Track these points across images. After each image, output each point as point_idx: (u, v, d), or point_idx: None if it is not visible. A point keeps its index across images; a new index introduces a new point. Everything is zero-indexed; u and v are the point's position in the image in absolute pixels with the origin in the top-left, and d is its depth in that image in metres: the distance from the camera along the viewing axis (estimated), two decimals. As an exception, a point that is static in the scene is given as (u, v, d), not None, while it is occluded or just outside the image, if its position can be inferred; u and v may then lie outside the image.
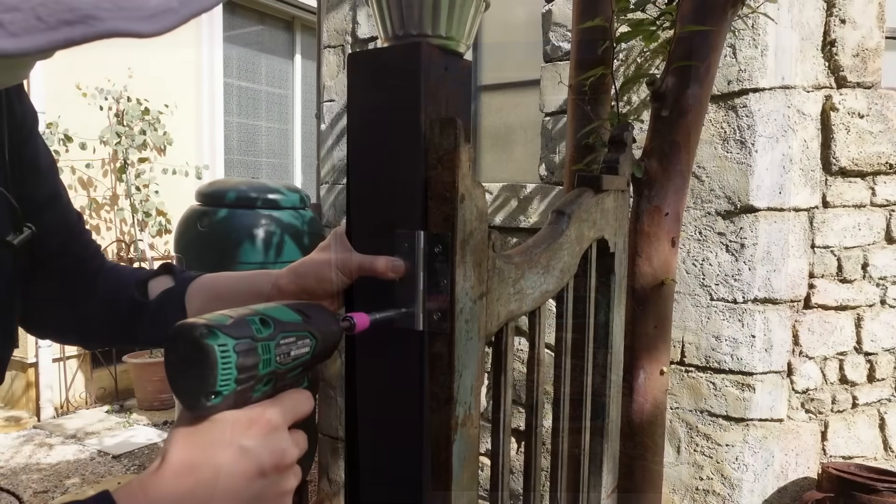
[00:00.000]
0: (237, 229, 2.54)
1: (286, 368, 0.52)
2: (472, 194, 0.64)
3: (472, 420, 0.68)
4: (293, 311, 0.55)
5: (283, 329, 0.52)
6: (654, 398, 1.36)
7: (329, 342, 0.57)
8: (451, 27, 0.65)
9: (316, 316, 0.56)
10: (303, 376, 0.55)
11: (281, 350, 0.51)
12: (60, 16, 0.28)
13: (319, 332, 0.55)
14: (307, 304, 0.57)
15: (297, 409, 0.53)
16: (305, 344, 0.54)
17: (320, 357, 0.56)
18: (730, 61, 2.07)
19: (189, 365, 0.47)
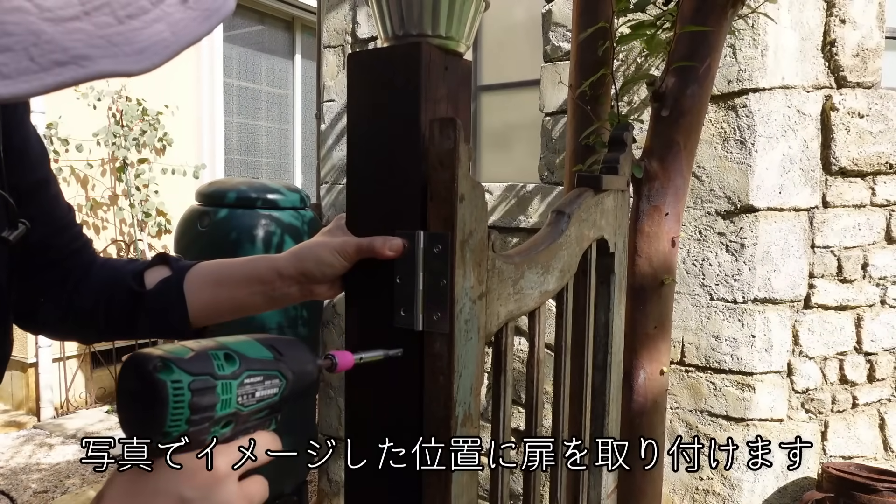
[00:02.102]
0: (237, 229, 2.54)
1: (249, 410, 0.48)
2: (472, 194, 0.64)
3: (472, 420, 0.68)
4: (265, 346, 0.51)
5: (248, 367, 0.48)
6: (654, 398, 1.36)
7: (302, 383, 0.53)
8: (451, 27, 0.65)
9: (290, 353, 0.52)
10: (270, 418, 0.52)
11: (245, 390, 0.47)
12: (53, 56, 0.28)
13: (291, 372, 0.51)
14: (282, 340, 0.53)
15: (258, 455, 0.50)
16: (274, 384, 0.50)
17: (290, 399, 0.52)
18: (730, 61, 2.07)
19: (139, 399, 0.44)
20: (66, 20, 0.29)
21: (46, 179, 0.78)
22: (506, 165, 2.91)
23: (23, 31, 0.27)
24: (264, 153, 6.05)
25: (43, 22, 0.28)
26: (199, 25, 0.33)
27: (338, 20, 3.12)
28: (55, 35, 0.28)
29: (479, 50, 2.93)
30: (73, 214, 0.83)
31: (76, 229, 0.83)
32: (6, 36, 0.27)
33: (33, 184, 0.75)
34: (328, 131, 3.14)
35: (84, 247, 0.84)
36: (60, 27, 0.28)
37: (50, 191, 0.78)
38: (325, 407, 3.20)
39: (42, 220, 0.75)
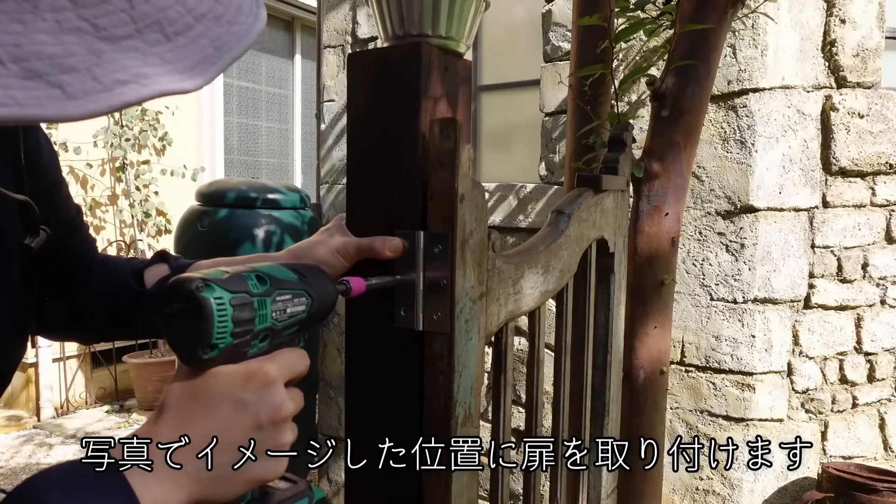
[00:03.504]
0: (237, 229, 2.54)
1: (282, 325, 0.52)
2: (472, 194, 0.64)
3: (472, 420, 0.68)
4: (290, 269, 0.55)
5: (279, 286, 0.52)
6: (654, 398, 1.36)
7: (325, 303, 0.57)
8: (451, 27, 0.65)
9: (312, 276, 0.56)
10: (299, 335, 0.56)
11: (277, 307, 0.51)
12: (115, 75, 0.28)
13: (315, 292, 0.55)
14: (303, 265, 0.57)
15: (294, 367, 0.53)
16: (301, 302, 0.53)
17: (316, 317, 0.56)
18: (730, 61, 2.07)
19: (185, 318, 0.47)
20: (121, 39, 0.29)
21: (58, 182, 0.78)
22: (506, 165, 2.91)
23: (84, 52, 0.27)
24: (264, 153, 6.05)
25: (100, 41, 0.28)
26: (239, 41, 0.33)
27: (338, 20, 3.12)
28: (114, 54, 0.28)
29: (479, 50, 2.93)
30: (81, 216, 0.84)
31: (84, 230, 0.84)
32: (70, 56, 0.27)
33: (47, 187, 0.76)
34: (328, 131, 3.14)
35: (90, 248, 0.84)
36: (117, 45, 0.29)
37: (62, 193, 0.79)
38: (325, 407, 3.20)
39: (56, 223, 0.76)
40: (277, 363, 0.51)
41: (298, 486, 0.57)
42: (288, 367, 0.52)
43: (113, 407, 4.49)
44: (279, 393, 0.50)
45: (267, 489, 0.55)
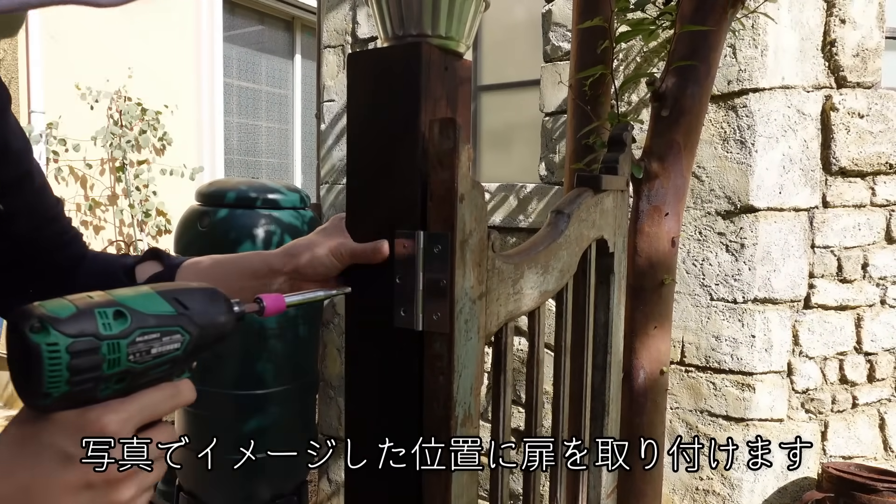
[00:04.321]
0: (237, 229, 2.54)
1: (145, 367, 0.46)
2: (472, 194, 0.64)
3: (472, 420, 0.68)
4: (166, 300, 0.48)
5: (142, 324, 0.46)
6: (654, 398, 1.36)
7: (212, 334, 0.51)
8: (451, 27, 0.65)
9: (196, 306, 0.50)
10: (174, 371, 0.50)
11: (137, 348, 0.45)
12: None
13: (196, 326, 0.49)
14: (189, 291, 0.51)
15: (155, 409, 0.48)
16: (175, 340, 0.48)
17: (198, 351, 0.50)
18: (730, 61, 2.07)
19: (19, 360, 0.42)
20: None
21: (29, 172, 0.77)
22: (506, 165, 2.91)
23: None
24: (264, 153, 6.05)
25: None
26: None
27: (338, 20, 3.12)
28: None
29: (479, 50, 2.93)
30: (60, 207, 0.83)
31: (64, 222, 0.83)
32: None
33: (16, 178, 0.75)
34: (328, 131, 3.14)
35: (74, 240, 0.83)
36: None
37: (34, 183, 0.78)
38: (325, 407, 3.20)
39: (27, 213, 0.75)
40: (121, 413, 0.46)
41: None
42: (143, 412, 0.47)
43: (113, 407, 4.49)
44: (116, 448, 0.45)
45: None
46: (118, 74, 4.61)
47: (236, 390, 2.46)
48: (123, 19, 4.69)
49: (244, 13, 5.76)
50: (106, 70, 4.54)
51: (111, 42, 4.61)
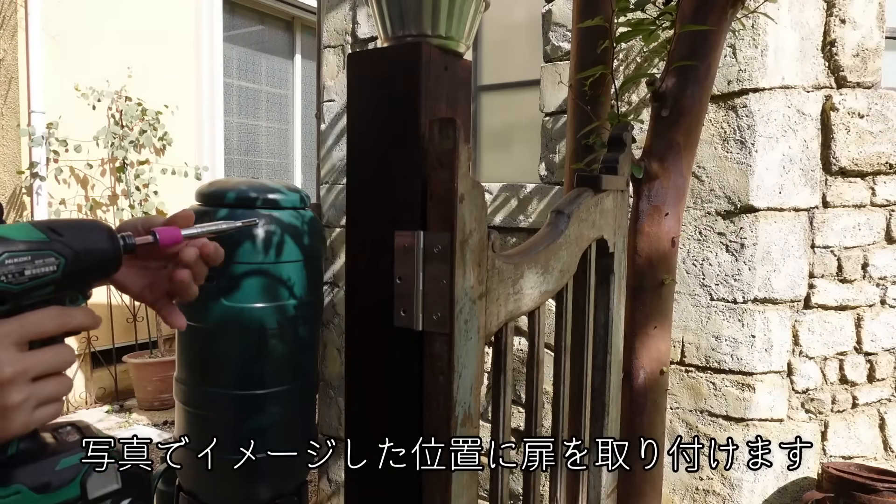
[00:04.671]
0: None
1: (23, 288, 0.51)
2: (472, 194, 0.64)
3: (472, 420, 0.68)
4: (39, 229, 0.53)
5: (10, 248, 0.50)
6: (654, 398, 1.36)
7: (91, 259, 0.55)
8: (451, 27, 0.65)
9: (73, 234, 0.54)
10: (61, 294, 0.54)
11: (7, 269, 0.50)
12: None
13: (70, 251, 0.53)
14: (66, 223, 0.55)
15: (37, 327, 0.52)
16: (48, 263, 0.52)
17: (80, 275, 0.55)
18: (730, 61, 2.07)
19: None
20: None
21: None
22: (506, 165, 2.91)
23: None
24: (264, 153, 6.05)
25: None
26: None
27: (338, 20, 3.12)
28: None
29: (479, 50, 2.93)
30: None
31: None
32: None
33: None
34: (328, 131, 3.14)
35: None
36: None
37: None
38: (325, 407, 3.20)
39: None
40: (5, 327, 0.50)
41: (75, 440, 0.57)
42: (22, 330, 0.51)
43: (113, 407, 4.49)
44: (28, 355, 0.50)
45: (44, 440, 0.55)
46: (118, 74, 4.61)
47: (236, 390, 2.46)
48: (123, 19, 4.69)
49: (244, 13, 5.76)
50: (106, 70, 4.54)
51: (111, 42, 4.61)
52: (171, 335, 4.70)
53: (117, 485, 0.57)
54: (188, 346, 2.53)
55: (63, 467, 0.55)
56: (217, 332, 2.46)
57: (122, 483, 0.57)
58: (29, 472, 0.53)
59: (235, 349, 2.46)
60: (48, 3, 4.27)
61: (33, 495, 0.52)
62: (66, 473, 0.55)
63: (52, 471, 0.54)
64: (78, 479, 0.55)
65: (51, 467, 0.54)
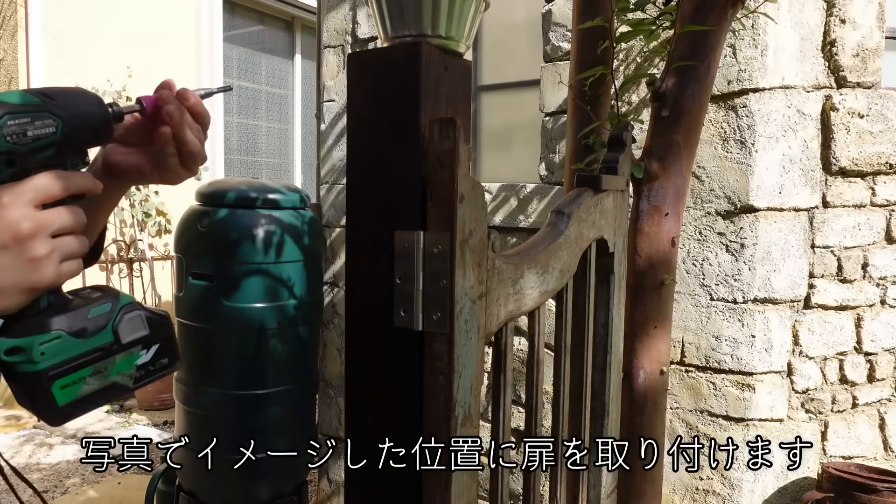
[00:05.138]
0: (237, 229, 2.54)
1: (28, 149, 0.53)
2: (472, 194, 0.64)
3: (472, 420, 0.68)
4: (32, 94, 0.55)
5: (9, 110, 0.52)
6: (654, 398, 1.36)
7: (87, 121, 0.58)
8: (451, 27, 0.65)
9: (64, 98, 0.56)
10: (62, 158, 0.57)
11: (10, 130, 0.52)
12: None
13: (66, 113, 0.56)
14: (57, 90, 0.57)
15: (46, 190, 0.55)
16: (48, 124, 0.54)
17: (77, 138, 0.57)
18: (730, 61, 2.07)
19: None
20: None
21: None
22: (506, 165, 2.91)
23: None
24: (264, 153, 6.05)
25: None
26: None
27: (338, 20, 3.12)
28: None
29: (479, 50, 2.93)
30: None
31: None
32: None
33: None
34: (328, 131, 3.14)
35: None
36: None
37: None
38: (325, 407, 3.20)
39: None
40: (14, 189, 0.53)
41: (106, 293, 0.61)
42: (35, 190, 0.54)
43: (113, 407, 4.49)
44: (12, 214, 0.53)
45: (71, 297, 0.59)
46: (118, 74, 4.61)
47: (236, 390, 2.46)
48: (123, 19, 4.69)
49: (244, 13, 5.76)
50: (106, 70, 4.54)
51: (111, 42, 4.61)
52: (171, 335, 4.70)
53: (146, 331, 0.62)
54: (188, 346, 2.53)
55: (95, 315, 0.59)
56: (217, 332, 2.46)
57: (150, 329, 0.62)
58: (65, 319, 0.57)
59: (235, 349, 2.46)
60: (48, 3, 4.27)
61: (72, 339, 0.56)
62: (99, 320, 0.59)
63: (85, 318, 0.58)
64: (110, 325, 0.59)
65: (84, 315, 0.58)
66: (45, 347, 0.55)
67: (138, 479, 3.28)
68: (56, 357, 0.55)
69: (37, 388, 0.55)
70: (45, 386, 0.55)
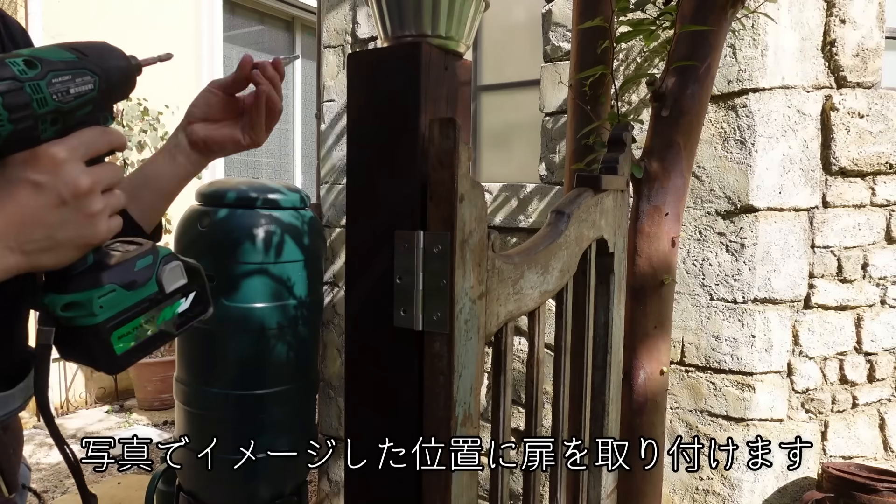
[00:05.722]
0: (237, 229, 2.54)
1: (71, 106, 0.53)
2: (472, 194, 0.64)
3: (472, 420, 0.68)
4: (66, 50, 0.55)
5: (52, 68, 0.52)
6: (654, 398, 1.36)
7: (117, 76, 0.58)
8: (451, 27, 0.65)
9: (95, 53, 0.56)
10: (97, 114, 0.57)
11: (56, 88, 0.52)
12: None
13: (100, 69, 0.56)
14: (85, 44, 0.57)
15: (93, 145, 0.56)
16: (86, 81, 0.54)
17: (110, 93, 0.58)
18: (730, 61, 2.07)
19: None
20: None
21: None
22: (505, 165, 2.91)
23: None
24: (264, 153, 6.05)
25: None
26: None
27: (338, 20, 3.12)
28: None
29: (479, 50, 2.93)
30: None
31: None
32: None
33: None
34: (328, 131, 3.14)
35: None
36: None
37: None
38: (325, 407, 3.20)
39: None
40: (67, 144, 0.53)
41: (143, 246, 0.62)
42: (85, 146, 0.55)
43: (113, 407, 4.49)
44: (71, 170, 0.53)
45: (111, 251, 0.60)
46: (118, 74, 4.61)
47: (236, 390, 2.46)
48: (123, 19, 4.69)
49: (244, 13, 5.76)
50: (106, 70, 4.54)
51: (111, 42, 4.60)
52: (171, 335, 4.70)
53: (185, 280, 0.65)
54: (188, 346, 2.53)
55: (141, 267, 0.61)
56: (217, 332, 2.46)
57: (188, 278, 0.65)
58: (115, 273, 0.58)
59: (235, 349, 2.46)
60: (48, 3, 4.27)
61: (125, 292, 0.59)
62: (146, 272, 0.61)
63: (133, 271, 0.60)
64: (154, 276, 0.62)
65: (131, 268, 0.60)
66: (102, 301, 0.56)
67: (138, 479, 3.28)
68: (113, 309, 0.57)
69: (97, 340, 0.57)
70: (104, 337, 0.57)
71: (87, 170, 0.54)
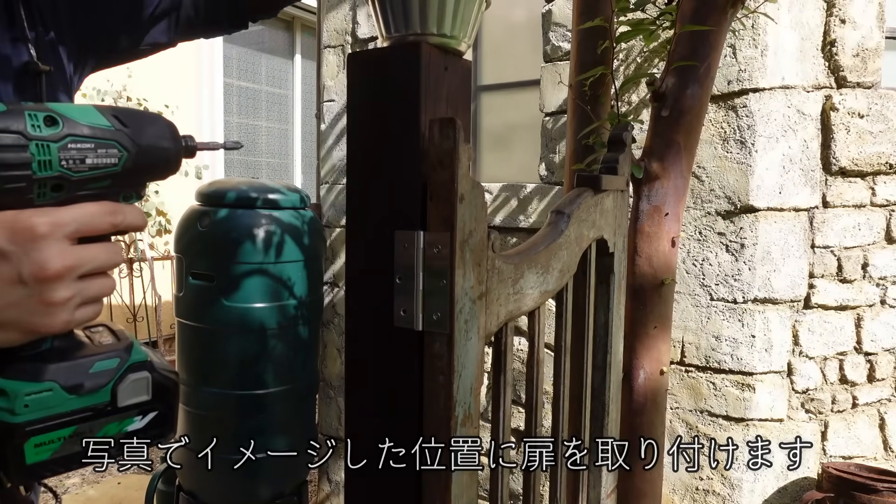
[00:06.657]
0: (237, 229, 2.53)
1: (82, 177, 0.47)
2: (472, 194, 0.64)
3: (472, 420, 0.68)
4: (105, 115, 0.49)
5: (74, 131, 0.47)
6: (654, 398, 1.36)
7: (153, 157, 0.51)
8: (452, 26, 0.65)
9: (138, 126, 0.50)
10: (117, 189, 0.50)
11: (69, 154, 0.46)
12: None
13: (134, 145, 0.49)
14: (134, 113, 0.51)
15: (89, 222, 0.49)
16: (111, 154, 0.48)
17: (139, 171, 0.51)
18: (730, 61, 2.07)
19: None
20: None
21: None
22: (506, 165, 2.91)
23: None
24: (264, 153, 6.05)
25: None
26: None
27: (338, 20, 3.12)
28: None
29: (479, 50, 2.93)
30: None
31: None
32: None
33: None
34: (328, 131, 3.14)
35: None
36: None
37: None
38: (325, 407, 3.20)
39: None
40: (53, 217, 0.47)
41: (117, 344, 0.54)
42: (77, 223, 0.48)
43: (113, 407, 4.49)
44: (45, 248, 0.46)
45: (79, 340, 0.53)
46: (119, 74, 4.62)
47: (236, 390, 2.46)
48: (123, 19, 4.69)
49: (244, 13, 5.75)
50: (106, 70, 4.54)
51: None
52: (171, 335, 4.71)
53: (147, 396, 0.55)
54: (188, 347, 2.53)
55: (98, 371, 0.52)
56: (217, 332, 2.45)
57: (152, 395, 0.55)
58: (63, 370, 0.50)
59: (235, 349, 2.46)
60: None
61: (64, 394, 0.50)
62: (100, 378, 0.52)
63: (86, 373, 0.51)
64: (110, 385, 0.53)
65: (85, 369, 0.51)
66: (30, 399, 0.48)
67: (138, 479, 3.28)
68: (41, 412, 0.49)
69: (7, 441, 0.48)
70: (17, 441, 0.48)
71: (67, 250, 0.48)
